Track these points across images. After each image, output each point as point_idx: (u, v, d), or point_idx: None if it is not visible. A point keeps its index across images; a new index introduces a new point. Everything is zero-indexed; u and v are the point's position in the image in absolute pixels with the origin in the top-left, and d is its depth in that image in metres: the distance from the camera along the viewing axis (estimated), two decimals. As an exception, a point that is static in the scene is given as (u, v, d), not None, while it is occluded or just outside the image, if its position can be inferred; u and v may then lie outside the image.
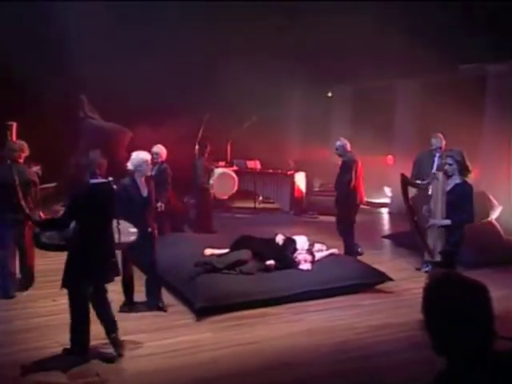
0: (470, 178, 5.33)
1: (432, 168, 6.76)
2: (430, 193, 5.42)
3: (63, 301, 5.84)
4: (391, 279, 6.54)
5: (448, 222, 5.21)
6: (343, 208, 7.76)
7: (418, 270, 7.20)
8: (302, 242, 7.10)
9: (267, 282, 6.11)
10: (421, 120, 11.14)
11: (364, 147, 12.22)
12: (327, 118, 13.72)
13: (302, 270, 6.48)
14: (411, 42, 8.43)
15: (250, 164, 11.90)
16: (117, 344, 4.64)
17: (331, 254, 7.05)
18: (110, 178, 4.73)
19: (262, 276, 6.26)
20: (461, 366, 1.71)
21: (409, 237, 8.76)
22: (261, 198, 12.48)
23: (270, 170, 12.02)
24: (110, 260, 4.63)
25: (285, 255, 6.66)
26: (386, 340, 5.04)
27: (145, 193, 5.67)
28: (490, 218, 8.25)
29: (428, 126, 10.38)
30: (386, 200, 12.58)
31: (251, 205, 11.87)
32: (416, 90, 11.49)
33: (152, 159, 6.03)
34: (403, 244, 8.63)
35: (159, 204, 6.63)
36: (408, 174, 6.21)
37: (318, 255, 6.87)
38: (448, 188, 5.25)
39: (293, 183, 11.80)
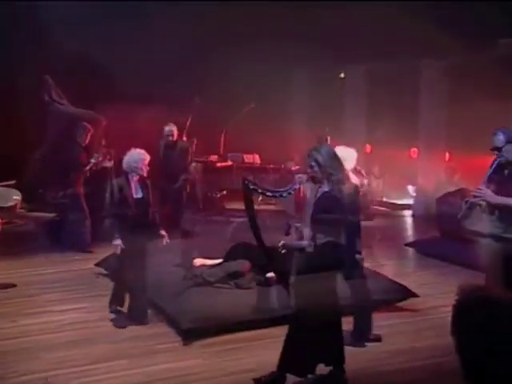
0: (363, 187, 4.51)
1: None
2: None
3: (24, 321, 5.90)
4: (415, 295, 6.52)
5: (305, 244, 4.45)
6: (183, 194, 9.19)
7: None
8: (309, 250, 7.08)
9: (267, 298, 6.10)
10: (451, 106, 11.14)
11: (383, 138, 12.28)
12: (339, 104, 13.71)
13: (309, 285, 6.46)
14: (439, 14, 8.41)
15: (248, 158, 11.89)
16: None
17: (344, 266, 7.03)
18: None
19: (261, 291, 6.25)
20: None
21: (436, 245, 8.82)
22: (260, 198, 12.44)
23: (271, 166, 12.01)
24: None
25: (289, 267, 6.64)
26: (408, 368, 5.00)
27: None
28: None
29: (459, 113, 10.41)
30: (409, 201, 12.59)
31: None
32: (445, 70, 11.48)
33: None
34: (429, 253, 8.62)
35: None
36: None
37: (328, 267, 6.84)
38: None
39: (298, 181, 11.78)
